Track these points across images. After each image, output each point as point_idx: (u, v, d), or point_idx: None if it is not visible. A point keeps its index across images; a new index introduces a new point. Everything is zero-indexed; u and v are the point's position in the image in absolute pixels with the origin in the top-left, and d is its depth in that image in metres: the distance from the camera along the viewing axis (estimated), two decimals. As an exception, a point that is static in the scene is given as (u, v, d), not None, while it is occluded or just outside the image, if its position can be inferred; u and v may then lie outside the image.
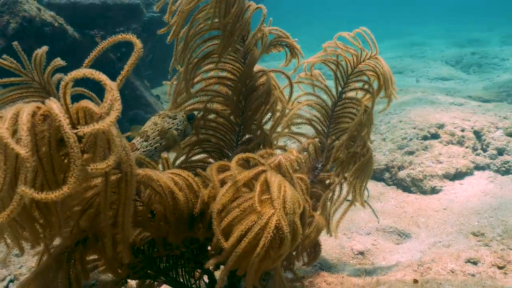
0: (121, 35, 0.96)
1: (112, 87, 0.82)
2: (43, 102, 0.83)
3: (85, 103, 0.83)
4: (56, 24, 3.62)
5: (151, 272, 1.49)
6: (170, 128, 1.53)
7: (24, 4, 3.45)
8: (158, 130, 1.51)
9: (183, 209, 1.05)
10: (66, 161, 0.88)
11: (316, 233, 1.45)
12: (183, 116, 1.59)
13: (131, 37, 0.95)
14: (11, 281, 1.83)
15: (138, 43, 0.92)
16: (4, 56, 1.21)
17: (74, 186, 0.80)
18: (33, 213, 0.91)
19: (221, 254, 1.03)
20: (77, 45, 3.81)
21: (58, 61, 1.38)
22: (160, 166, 1.45)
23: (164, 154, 1.53)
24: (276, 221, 0.92)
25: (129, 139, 1.50)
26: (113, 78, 0.86)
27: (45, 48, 1.30)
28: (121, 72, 0.93)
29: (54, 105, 0.82)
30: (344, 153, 1.76)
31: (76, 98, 0.95)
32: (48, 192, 0.78)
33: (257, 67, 1.66)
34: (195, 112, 1.69)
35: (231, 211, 1.02)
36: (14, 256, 1.97)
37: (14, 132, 0.76)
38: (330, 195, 1.79)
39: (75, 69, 1.19)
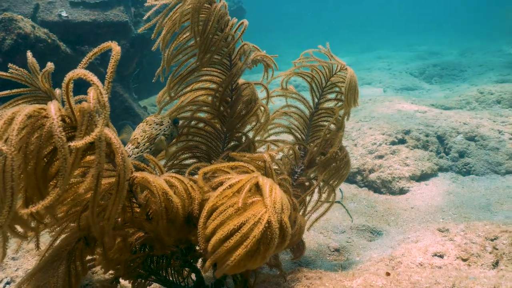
0: (105, 43, 0.98)
1: (98, 84, 0.84)
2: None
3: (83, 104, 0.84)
4: (49, 41, 3.59)
5: (143, 272, 1.48)
6: (158, 134, 1.55)
7: (19, 22, 3.42)
8: (147, 137, 1.53)
9: (179, 211, 1.05)
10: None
11: (300, 231, 1.47)
12: (168, 121, 1.61)
13: (111, 43, 0.97)
14: (7, 283, 1.79)
15: (116, 47, 0.93)
16: (13, 66, 1.20)
17: (61, 193, 0.80)
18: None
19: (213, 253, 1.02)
20: (69, 60, 3.79)
21: (50, 66, 1.38)
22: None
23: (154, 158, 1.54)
24: (268, 218, 0.94)
25: (124, 143, 1.51)
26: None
27: (50, 64, 1.29)
28: (106, 76, 0.96)
29: (52, 106, 0.83)
30: (320, 157, 1.80)
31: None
32: (34, 203, 0.79)
33: (241, 81, 1.69)
34: (180, 122, 1.71)
35: (218, 215, 1.02)
36: (10, 259, 1.93)
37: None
38: (309, 197, 1.82)
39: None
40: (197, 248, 1.50)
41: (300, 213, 1.75)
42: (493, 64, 8.78)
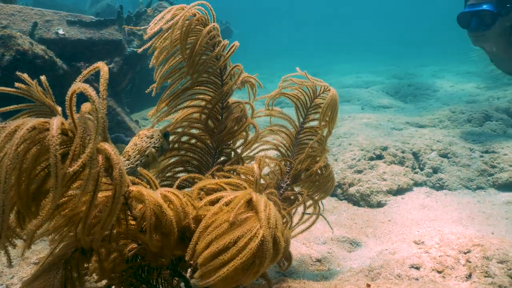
0: (95, 64, 0.98)
1: (96, 99, 0.83)
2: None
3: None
4: (46, 57, 3.56)
5: (134, 281, 1.46)
6: (148, 146, 1.55)
7: (18, 39, 3.39)
8: (138, 150, 1.53)
9: (173, 224, 1.04)
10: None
11: (287, 244, 1.47)
12: (158, 135, 1.61)
13: (99, 64, 0.97)
14: None
15: (104, 68, 0.93)
16: (17, 84, 1.19)
17: (51, 212, 0.79)
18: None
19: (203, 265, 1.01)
20: (66, 76, 3.77)
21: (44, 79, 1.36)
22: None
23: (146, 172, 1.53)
24: (263, 233, 0.93)
25: None
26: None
27: (43, 77, 1.28)
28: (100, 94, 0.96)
29: (55, 120, 0.82)
30: (305, 173, 1.81)
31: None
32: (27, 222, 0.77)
33: (231, 100, 1.70)
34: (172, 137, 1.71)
35: (213, 230, 1.01)
36: (5, 267, 1.89)
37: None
38: (294, 210, 1.83)
39: (64, 97, 1.19)
40: (187, 259, 1.49)
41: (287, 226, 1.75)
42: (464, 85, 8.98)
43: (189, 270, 1.61)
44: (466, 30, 3.95)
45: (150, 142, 1.56)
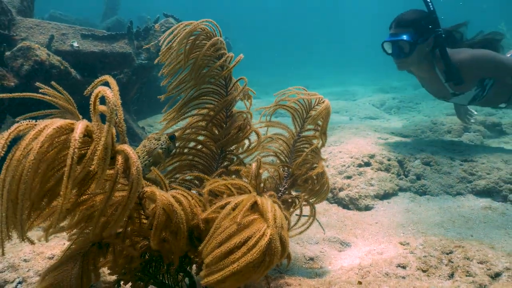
0: (103, 77, 0.99)
1: (112, 100, 0.83)
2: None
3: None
4: (62, 67, 3.56)
5: (143, 276, 1.45)
6: (156, 148, 1.58)
7: (36, 50, 3.39)
8: (146, 151, 1.56)
9: (183, 222, 1.04)
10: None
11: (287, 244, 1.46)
12: (165, 137, 1.64)
13: (107, 77, 0.98)
14: (19, 282, 1.74)
15: (112, 81, 0.94)
16: (44, 90, 1.19)
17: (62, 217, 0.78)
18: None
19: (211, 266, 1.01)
20: (78, 85, 3.76)
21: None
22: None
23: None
24: (271, 232, 0.93)
25: None
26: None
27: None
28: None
29: (80, 124, 0.81)
30: (301, 178, 1.81)
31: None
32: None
33: (235, 110, 1.70)
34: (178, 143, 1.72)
35: (223, 231, 1.00)
36: (22, 261, 1.87)
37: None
38: (291, 210, 1.83)
39: (76, 103, 1.19)
40: (191, 256, 1.48)
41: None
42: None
43: (194, 266, 1.61)
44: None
45: (157, 144, 1.60)
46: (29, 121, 0.82)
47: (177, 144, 1.70)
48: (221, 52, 1.63)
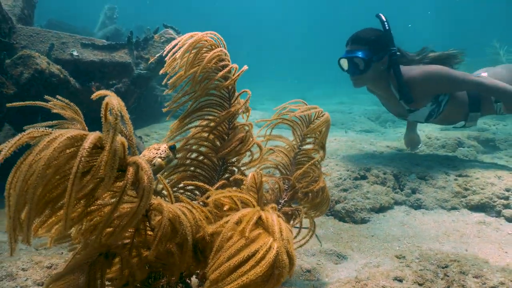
0: (103, 91, 1.01)
1: (116, 107, 0.85)
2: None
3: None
4: (61, 76, 3.57)
5: (143, 287, 1.45)
6: (155, 157, 1.58)
7: (36, 59, 3.41)
8: (145, 160, 1.56)
9: (188, 235, 1.05)
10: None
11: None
12: (165, 147, 1.64)
13: (107, 92, 1.00)
14: None
15: (111, 94, 0.96)
16: (55, 102, 1.20)
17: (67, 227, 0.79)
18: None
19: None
20: (77, 93, 3.77)
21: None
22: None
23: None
24: (278, 245, 0.95)
25: None
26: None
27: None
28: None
29: (92, 136, 0.83)
30: (302, 191, 1.83)
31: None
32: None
33: (238, 122, 1.73)
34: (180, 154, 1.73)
35: (230, 247, 1.01)
36: (20, 270, 1.86)
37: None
38: (291, 223, 1.84)
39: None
40: (192, 267, 1.49)
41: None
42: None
43: (193, 278, 1.61)
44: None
45: (156, 153, 1.60)
46: (45, 129, 0.84)
47: (180, 155, 1.71)
48: (225, 63, 1.65)
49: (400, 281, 2.05)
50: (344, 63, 3.89)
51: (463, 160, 4.48)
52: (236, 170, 1.78)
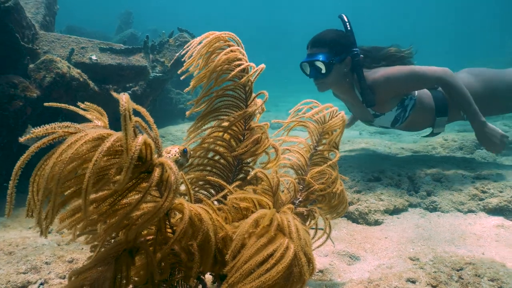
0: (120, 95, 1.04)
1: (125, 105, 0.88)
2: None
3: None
4: (81, 79, 3.68)
5: (160, 283, 1.49)
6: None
7: (58, 63, 3.53)
8: (172, 160, 1.60)
9: (210, 234, 1.08)
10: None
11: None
12: (176, 151, 1.67)
13: (121, 95, 1.03)
14: (41, 284, 1.82)
15: (122, 97, 0.99)
16: (82, 105, 1.25)
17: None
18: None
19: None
20: (95, 96, 3.88)
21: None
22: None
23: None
24: (294, 246, 0.97)
25: None
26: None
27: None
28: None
29: (113, 137, 0.87)
30: (318, 192, 1.86)
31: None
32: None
33: (254, 123, 1.76)
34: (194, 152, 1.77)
35: (250, 248, 1.03)
36: (44, 263, 1.94)
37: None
38: (307, 224, 1.87)
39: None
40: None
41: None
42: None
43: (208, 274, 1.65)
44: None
45: (166, 157, 1.64)
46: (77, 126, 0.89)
47: (197, 153, 1.75)
48: (242, 62, 1.68)
49: (413, 282, 2.05)
50: (306, 67, 3.80)
51: (481, 162, 4.43)
52: (251, 170, 1.81)
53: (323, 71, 3.69)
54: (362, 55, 3.85)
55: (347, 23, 3.79)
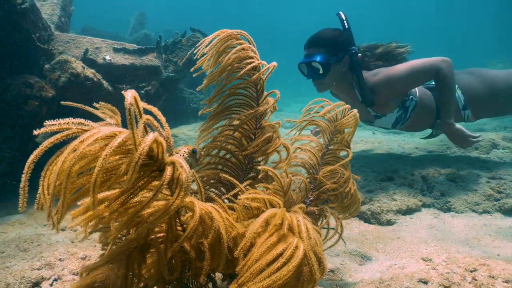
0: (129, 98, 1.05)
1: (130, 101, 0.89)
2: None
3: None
4: (95, 79, 3.74)
5: (174, 281, 1.50)
6: None
7: (73, 63, 3.59)
8: (183, 159, 1.61)
9: (222, 233, 1.09)
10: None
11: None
12: (185, 150, 1.68)
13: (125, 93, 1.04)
14: (55, 280, 1.86)
15: (128, 99, 0.99)
16: (96, 105, 1.26)
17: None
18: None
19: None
20: (109, 95, 3.93)
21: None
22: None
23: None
24: (304, 245, 0.97)
25: None
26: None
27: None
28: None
29: (122, 136, 0.88)
30: (329, 192, 1.85)
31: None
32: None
33: (265, 122, 1.76)
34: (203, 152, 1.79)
35: (259, 247, 1.04)
36: (58, 260, 1.98)
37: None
38: (319, 223, 1.86)
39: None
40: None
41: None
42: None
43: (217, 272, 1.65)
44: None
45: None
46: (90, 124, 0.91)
47: (208, 152, 1.76)
48: (253, 60, 1.68)
49: (425, 283, 2.02)
50: (304, 68, 3.75)
51: (497, 162, 4.35)
52: (261, 170, 1.81)
53: (321, 71, 3.62)
54: (360, 54, 3.80)
55: (345, 21, 3.72)
